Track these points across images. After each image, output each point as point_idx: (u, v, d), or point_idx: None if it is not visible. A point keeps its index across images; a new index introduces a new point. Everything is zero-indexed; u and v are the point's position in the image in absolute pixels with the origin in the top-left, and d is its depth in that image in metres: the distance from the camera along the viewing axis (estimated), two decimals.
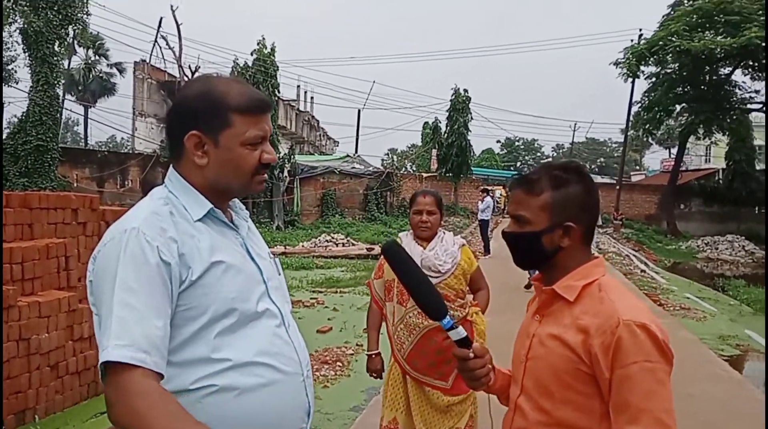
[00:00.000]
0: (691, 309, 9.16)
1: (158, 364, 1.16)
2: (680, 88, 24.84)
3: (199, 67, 23.41)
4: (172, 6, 23.75)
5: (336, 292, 9.47)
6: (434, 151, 29.67)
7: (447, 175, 28.01)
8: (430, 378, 2.83)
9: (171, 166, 1.38)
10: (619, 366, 1.25)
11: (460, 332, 1.39)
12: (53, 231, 4.77)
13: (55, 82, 17.25)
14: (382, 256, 2.93)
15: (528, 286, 8.97)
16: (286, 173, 21.16)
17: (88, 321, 4.57)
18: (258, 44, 20.70)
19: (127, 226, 1.23)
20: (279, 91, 22.08)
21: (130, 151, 25.68)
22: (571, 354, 1.31)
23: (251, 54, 20.72)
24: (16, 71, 27.01)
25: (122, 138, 53.53)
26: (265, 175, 1.39)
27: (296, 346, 1.38)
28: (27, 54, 16.96)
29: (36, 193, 4.97)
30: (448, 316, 1.36)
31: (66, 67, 22.35)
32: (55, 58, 17.07)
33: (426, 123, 36.64)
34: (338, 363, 5.70)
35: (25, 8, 15.95)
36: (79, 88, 35.36)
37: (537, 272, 1.52)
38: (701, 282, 13.90)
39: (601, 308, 1.33)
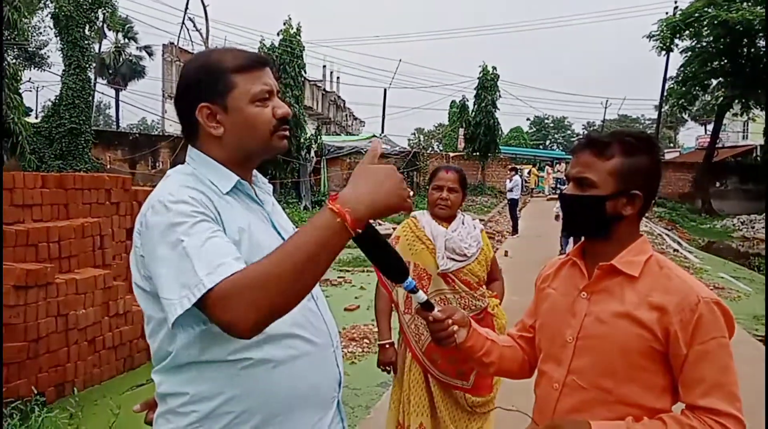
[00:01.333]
0: (725, 288, 8.97)
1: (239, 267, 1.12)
2: (716, 62, 24.00)
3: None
4: None
5: (363, 271, 9.52)
6: (461, 130, 29.37)
7: (474, 154, 27.75)
8: (450, 378, 2.64)
9: (189, 146, 1.37)
10: (698, 342, 1.26)
11: (421, 297, 1.38)
12: (88, 211, 4.90)
13: (87, 65, 17.57)
14: (393, 235, 2.80)
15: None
16: (312, 154, 21.24)
17: (122, 297, 4.71)
18: (284, 24, 20.65)
19: (163, 197, 1.21)
20: (305, 72, 22.04)
21: (161, 133, 26.07)
22: (644, 332, 1.30)
23: (277, 34, 20.72)
24: (48, 56, 27.65)
25: (153, 120, 54.45)
26: (286, 131, 1.36)
27: (325, 317, 1.39)
28: (59, 38, 17.29)
29: (71, 174, 5.10)
30: (409, 278, 1.34)
31: (97, 50, 22.67)
32: (85, 42, 17.37)
33: (453, 102, 36.29)
34: (365, 340, 5.76)
35: None
36: (110, 71, 35.92)
37: (570, 247, 1.49)
38: (736, 261, 13.58)
39: (671, 285, 1.32)
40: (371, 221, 1.17)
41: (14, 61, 22.28)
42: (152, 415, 1.37)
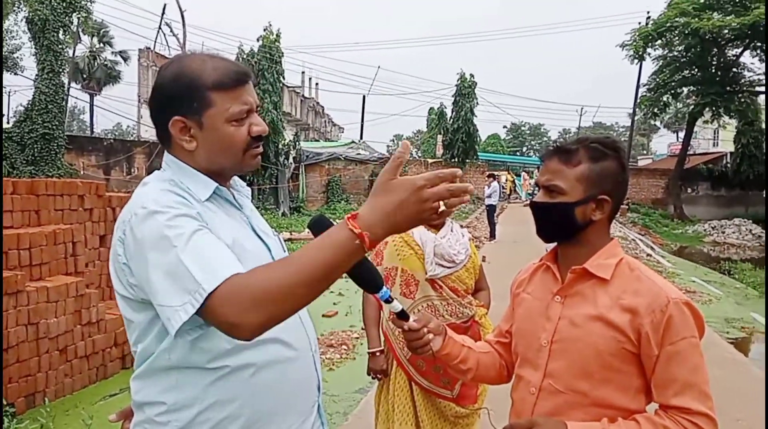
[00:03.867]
0: (696, 292, 9.15)
1: (238, 268, 1.11)
2: (687, 71, 24.57)
3: None
4: None
5: (341, 277, 9.50)
6: (440, 137, 29.55)
7: (453, 160, 27.93)
8: (435, 386, 2.61)
9: (165, 151, 1.35)
10: (669, 342, 1.28)
11: (396, 306, 1.38)
12: (60, 217, 4.81)
13: (60, 70, 17.25)
14: (382, 242, 2.84)
15: None
16: (291, 160, 21.16)
17: (95, 306, 4.62)
18: (264, 30, 20.59)
19: (147, 204, 1.18)
20: (284, 78, 21.99)
21: (136, 139, 25.73)
22: (617, 334, 1.31)
23: (257, 40, 20.64)
24: (21, 59, 27.14)
25: (128, 126, 53.68)
26: (260, 149, 1.33)
27: (304, 321, 1.38)
28: (32, 42, 16.97)
29: (43, 179, 5.01)
30: (384, 287, 1.33)
31: (71, 55, 22.33)
32: (60, 46, 17.07)
33: (431, 108, 36.48)
34: (343, 346, 5.74)
35: None
36: (84, 76, 35.34)
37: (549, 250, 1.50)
38: (707, 265, 13.86)
39: (641, 287, 1.33)
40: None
41: None
42: (128, 425, 1.34)
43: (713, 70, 24.04)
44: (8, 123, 21.72)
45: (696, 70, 24.36)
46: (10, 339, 3.88)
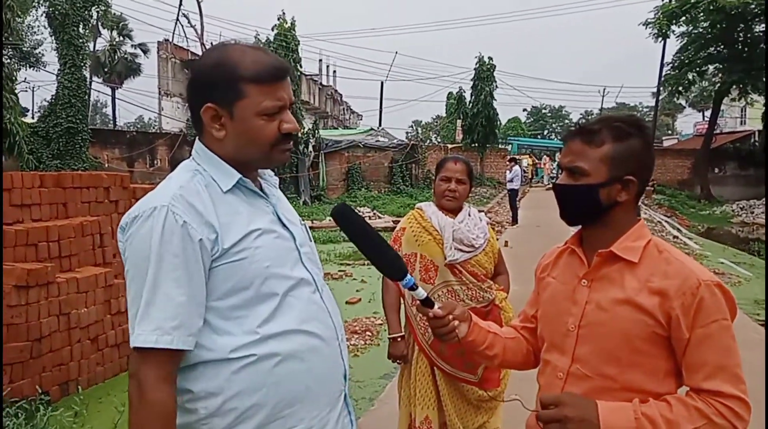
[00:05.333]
0: (725, 274, 8.99)
1: (186, 342, 1.21)
2: (713, 47, 23.95)
3: None
4: None
5: (363, 264, 9.53)
6: (459, 122, 29.33)
7: (473, 145, 27.72)
8: (458, 370, 2.62)
9: (197, 138, 1.38)
10: (700, 325, 1.26)
11: (420, 293, 1.39)
12: (87, 209, 4.90)
13: (82, 64, 17.46)
14: (398, 227, 2.79)
15: None
16: (310, 148, 21.20)
17: (123, 295, 4.69)
18: (279, 19, 20.56)
19: (156, 202, 1.23)
20: (301, 66, 21.98)
21: (158, 131, 26.02)
22: (646, 317, 1.29)
23: (272, 29, 20.63)
24: (43, 55, 27.54)
25: (149, 118, 54.36)
26: (289, 146, 1.35)
27: (330, 310, 1.39)
28: (53, 38, 17.19)
29: (69, 173, 5.09)
30: (409, 275, 1.34)
31: (91, 49, 22.58)
32: (80, 41, 17.26)
33: (450, 93, 36.20)
34: (368, 333, 5.78)
35: None
36: (105, 69, 35.77)
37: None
38: (736, 247, 13.59)
39: (670, 269, 1.31)
40: (369, 218, 1.16)
41: (9, 61, 22.18)
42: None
43: (739, 47, 23.39)
44: (33, 118, 22.13)
45: (722, 46, 23.73)
46: (43, 329, 3.98)
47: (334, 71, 42.37)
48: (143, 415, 1.17)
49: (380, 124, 31.95)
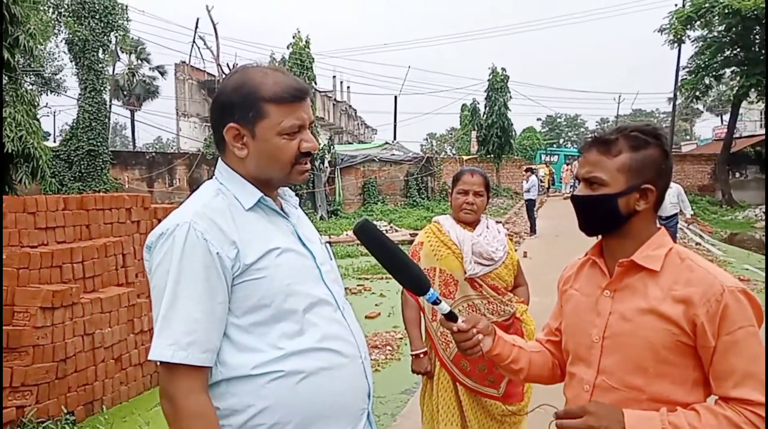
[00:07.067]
0: (750, 280, 8.82)
1: (201, 359, 1.23)
2: (729, 51, 23.64)
3: (237, 64, 23.78)
4: (207, 6, 24.20)
5: (382, 278, 9.53)
6: (474, 133, 29.31)
7: (488, 156, 27.64)
8: (480, 386, 2.59)
9: (219, 158, 1.41)
10: (726, 332, 1.24)
11: (444, 308, 1.39)
12: (109, 230, 4.98)
13: (102, 88, 17.85)
14: (416, 241, 2.77)
15: None
16: (326, 164, 21.34)
17: (146, 314, 4.76)
18: (293, 38, 20.84)
19: (180, 220, 1.27)
20: (315, 83, 22.22)
21: (176, 151, 26.38)
22: (671, 327, 1.28)
23: (287, 48, 20.92)
24: (64, 80, 28.15)
25: (168, 139, 55.13)
26: (307, 165, 1.38)
27: (352, 328, 1.40)
28: (73, 63, 17.60)
29: (92, 195, 5.18)
30: (431, 289, 1.34)
31: (111, 73, 23.07)
32: (100, 65, 17.66)
33: (464, 105, 36.22)
34: (388, 347, 5.76)
35: (69, 19, 16.51)
36: (124, 92, 36.44)
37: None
38: (760, 252, 13.33)
39: (693, 276, 1.29)
40: (386, 232, 1.18)
41: (31, 87, 22.74)
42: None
43: (757, 49, 23.07)
44: (55, 142, 22.56)
45: (738, 50, 23.43)
46: (68, 349, 4.03)
47: (348, 87, 42.73)
48: (184, 425, 1.20)
49: (395, 138, 32.03)
